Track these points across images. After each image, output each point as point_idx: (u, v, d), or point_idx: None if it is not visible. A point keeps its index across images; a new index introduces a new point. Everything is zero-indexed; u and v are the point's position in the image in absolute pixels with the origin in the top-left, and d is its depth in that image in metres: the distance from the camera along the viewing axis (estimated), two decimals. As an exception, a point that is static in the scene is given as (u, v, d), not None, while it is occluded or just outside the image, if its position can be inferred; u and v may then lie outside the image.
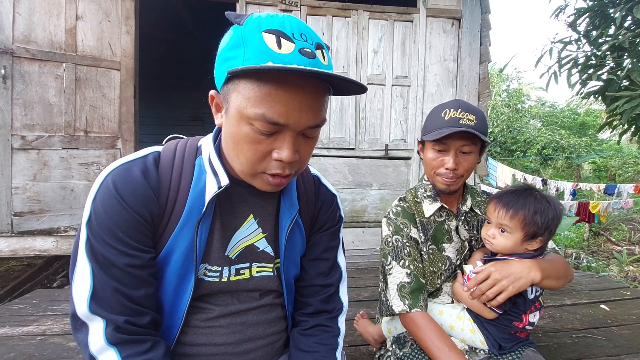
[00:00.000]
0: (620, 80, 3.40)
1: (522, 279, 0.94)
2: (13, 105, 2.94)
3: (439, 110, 1.07)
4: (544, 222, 0.98)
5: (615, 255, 4.84)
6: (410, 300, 1.02)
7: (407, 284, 1.04)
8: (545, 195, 1.03)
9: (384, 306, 1.08)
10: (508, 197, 1.02)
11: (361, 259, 3.35)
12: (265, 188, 0.66)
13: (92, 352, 0.60)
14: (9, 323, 1.86)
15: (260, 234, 0.77)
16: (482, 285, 0.98)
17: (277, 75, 0.54)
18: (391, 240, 1.10)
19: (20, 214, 3.01)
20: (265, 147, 0.60)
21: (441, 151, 1.05)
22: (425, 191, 1.17)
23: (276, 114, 0.56)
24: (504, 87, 15.23)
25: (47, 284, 3.45)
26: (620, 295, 2.34)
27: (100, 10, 3.21)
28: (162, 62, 6.55)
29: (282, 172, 0.62)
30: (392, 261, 1.08)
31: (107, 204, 0.61)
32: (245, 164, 0.62)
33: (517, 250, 1.02)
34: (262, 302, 0.78)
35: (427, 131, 1.08)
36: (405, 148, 3.90)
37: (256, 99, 0.55)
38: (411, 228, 1.11)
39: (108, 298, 0.61)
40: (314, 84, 0.57)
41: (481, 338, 1.05)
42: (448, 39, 3.89)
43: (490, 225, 1.06)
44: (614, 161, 11.20)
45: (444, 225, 1.16)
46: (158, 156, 0.69)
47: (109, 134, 3.31)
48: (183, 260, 0.67)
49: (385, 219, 1.15)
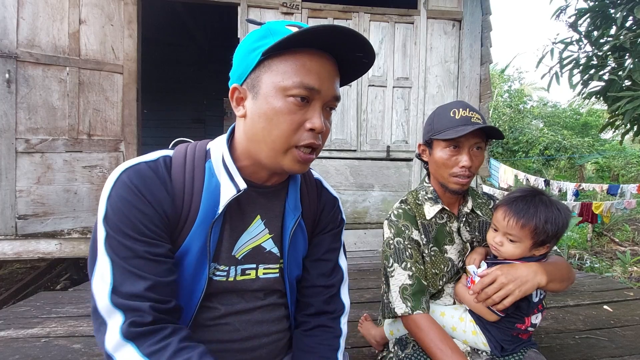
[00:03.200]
0: (621, 80, 3.39)
1: (529, 283, 0.94)
2: (17, 109, 2.97)
3: (446, 110, 1.07)
4: (554, 231, 0.97)
5: (618, 256, 4.82)
6: (412, 303, 1.02)
7: (409, 286, 1.04)
8: (554, 200, 1.01)
9: (386, 308, 1.08)
10: (518, 205, 1.00)
11: (363, 260, 3.35)
12: (293, 167, 0.69)
13: (107, 350, 0.59)
14: (14, 325, 1.87)
15: (267, 234, 0.79)
16: (488, 289, 0.97)
17: (308, 52, 0.64)
18: (393, 243, 1.10)
19: (25, 216, 3.03)
20: (299, 117, 0.65)
21: (455, 149, 1.05)
22: (427, 193, 1.17)
23: (312, 80, 0.64)
24: (505, 88, 15.21)
25: (50, 287, 3.47)
26: (624, 296, 2.33)
27: (103, 14, 3.24)
28: (164, 65, 6.59)
29: (315, 141, 0.67)
30: (394, 263, 1.08)
31: (124, 197, 0.62)
32: (279, 139, 0.66)
33: (524, 256, 1.02)
34: (266, 302, 0.80)
35: (437, 131, 1.06)
36: (407, 149, 3.90)
37: (292, 71, 0.64)
38: (412, 230, 1.11)
39: (130, 289, 0.60)
40: (333, 62, 0.68)
41: (483, 340, 1.05)
42: (449, 40, 3.90)
43: (498, 233, 1.04)
44: (617, 161, 11.16)
45: (446, 227, 1.16)
46: (169, 160, 0.71)
47: (112, 137, 3.33)
48: (196, 260, 0.69)
49: (387, 221, 1.15)
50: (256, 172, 0.74)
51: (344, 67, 0.70)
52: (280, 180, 0.79)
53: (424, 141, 1.15)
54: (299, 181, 0.83)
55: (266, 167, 0.72)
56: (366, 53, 0.66)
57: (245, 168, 0.73)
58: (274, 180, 0.78)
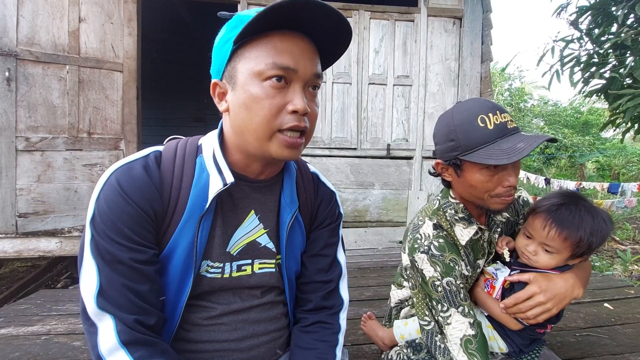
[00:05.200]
0: (622, 78, 3.38)
1: (567, 299, 0.88)
2: (17, 107, 2.97)
3: (471, 118, 0.87)
4: (598, 244, 0.88)
5: (619, 254, 4.81)
6: (480, 359, 0.90)
7: (472, 338, 0.90)
8: (599, 210, 0.91)
9: (443, 355, 0.94)
10: (561, 215, 0.89)
11: (363, 258, 3.35)
12: (281, 153, 0.66)
13: (100, 352, 0.59)
14: (14, 323, 1.88)
15: (262, 229, 0.78)
16: (522, 306, 0.89)
17: (278, 33, 0.63)
18: (440, 284, 0.92)
19: (25, 215, 3.03)
20: (279, 101, 0.63)
21: (497, 168, 0.86)
22: (457, 212, 1.00)
23: (286, 59, 0.62)
24: (506, 86, 15.18)
25: (51, 285, 3.47)
26: (624, 294, 2.33)
27: (103, 12, 3.23)
28: (164, 64, 6.58)
29: (299, 123, 0.64)
30: (450, 308, 0.92)
31: (111, 201, 0.62)
32: (261, 126, 0.64)
33: (558, 265, 0.95)
34: (263, 300, 0.79)
35: (470, 149, 0.86)
36: (407, 147, 3.90)
37: (265, 54, 0.62)
38: (460, 263, 0.95)
39: (115, 295, 0.61)
40: (308, 40, 0.66)
41: (500, 345, 1.02)
42: (449, 38, 3.89)
43: (532, 241, 0.95)
44: (618, 160, 11.14)
45: (479, 243, 1.03)
46: (159, 155, 0.70)
47: (112, 135, 3.33)
48: (185, 257, 0.68)
49: (427, 256, 0.94)
50: (249, 165, 0.73)
51: (324, 47, 0.68)
52: (275, 173, 0.78)
53: (447, 161, 0.94)
54: (295, 175, 0.81)
55: (256, 158, 0.70)
56: (339, 26, 0.64)
57: (237, 162, 0.73)
58: (268, 172, 0.76)
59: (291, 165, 0.81)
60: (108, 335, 0.60)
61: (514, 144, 0.81)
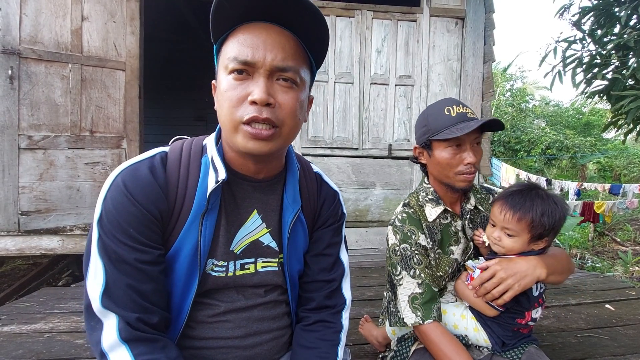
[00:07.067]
0: (625, 79, 3.38)
1: (528, 277, 0.94)
2: (20, 105, 2.98)
3: (438, 109, 1.05)
4: (551, 224, 0.96)
5: (620, 256, 4.81)
6: (422, 312, 1.00)
7: (419, 295, 1.02)
8: (551, 194, 1.01)
9: (394, 317, 1.05)
10: (514, 199, 1.00)
11: (365, 258, 3.35)
12: (245, 145, 0.65)
13: (103, 348, 0.61)
14: (17, 320, 1.89)
15: (265, 229, 0.78)
16: (487, 284, 0.97)
17: (245, 26, 0.64)
18: (399, 249, 1.07)
19: (27, 213, 3.04)
20: (239, 92, 0.64)
21: (458, 147, 1.03)
22: (427, 194, 1.14)
23: (244, 52, 0.63)
24: (507, 87, 15.15)
25: (52, 283, 3.48)
26: (626, 295, 2.33)
27: (106, 11, 3.24)
28: (166, 63, 6.59)
29: (258, 114, 0.62)
30: (402, 271, 1.05)
31: (117, 202, 0.63)
32: (225, 118, 0.65)
33: (523, 250, 1.02)
34: (267, 299, 0.79)
35: (436, 131, 1.04)
36: (409, 147, 3.90)
37: (230, 49, 0.64)
38: (419, 235, 1.08)
39: (120, 294, 0.62)
40: (279, 31, 0.65)
41: (484, 336, 1.05)
42: (452, 38, 3.88)
43: (495, 228, 1.04)
44: (619, 161, 11.12)
45: (450, 228, 1.14)
46: (165, 156, 0.71)
47: (114, 134, 3.33)
48: (192, 256, 0.69)
49: (392, 227, 1.11)
50: (244, 164, 0.73)
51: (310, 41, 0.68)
52: (273, 172, 0.78)
53: (420, 144, 1.12)
54: (297, 175, 0.81)
55: (240, 153, 0.70)
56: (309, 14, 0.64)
57: (233, 159, 0.73)
58: (266, 171, 0.76)
59: (294, 165, 0.81)
60: (111, 332, 0.61)
61: (467, 124, 0.99)
